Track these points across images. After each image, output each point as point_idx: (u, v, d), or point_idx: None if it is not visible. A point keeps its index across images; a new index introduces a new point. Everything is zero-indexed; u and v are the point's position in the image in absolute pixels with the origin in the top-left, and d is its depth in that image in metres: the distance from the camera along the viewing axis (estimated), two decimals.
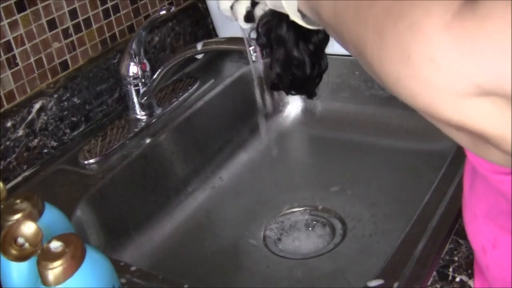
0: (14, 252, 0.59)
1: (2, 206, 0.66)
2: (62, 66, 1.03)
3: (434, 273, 0.70)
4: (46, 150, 0.99)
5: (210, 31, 1.30)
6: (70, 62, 1.04)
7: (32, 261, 0.59)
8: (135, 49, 1.03)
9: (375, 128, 1.18)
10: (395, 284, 0.68)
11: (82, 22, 1.05)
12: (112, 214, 0.94)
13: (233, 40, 0.95)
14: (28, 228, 0.60)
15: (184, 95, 1.13)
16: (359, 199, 1.05)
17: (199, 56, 1.22)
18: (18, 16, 0.95)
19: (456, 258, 0.71)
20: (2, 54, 0.93)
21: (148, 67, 1.05)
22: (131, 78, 1.04)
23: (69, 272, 0.58)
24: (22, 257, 0.59)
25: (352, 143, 1.18)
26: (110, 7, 1.10)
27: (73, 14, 1.03)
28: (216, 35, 1.29)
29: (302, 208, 1.06)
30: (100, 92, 1.08)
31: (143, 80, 1.05)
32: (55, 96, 1.00)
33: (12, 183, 0.94)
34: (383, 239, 0.96)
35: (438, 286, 0.68)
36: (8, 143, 0.93)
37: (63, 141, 1.02)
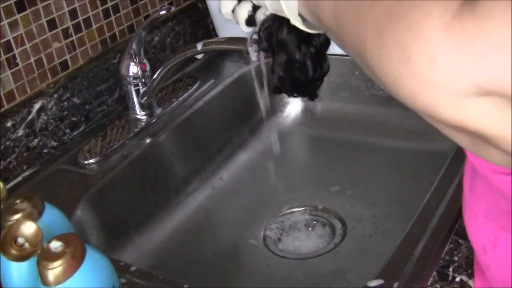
0: (14, 252, 0.59)
1: (2, 206, 0.66)
2: (62, 66, 1.03)
3: (434, 273, 0.70)
4: (46, 150, 0.99)
5: (210, 31, 1.30)
6: (70, 62, 1.04)
7: (32, 261, 0.59)
8: (135, 49, 1.02)
9: (375, 128, 1.18)
10: (395, 284, 0.68)
11: (82, 22, 1.05)
12: (112, 214, 0.94)
13: (233, 40, 0.95)
14: (28, 228, 0.60)
15: (184, 95, 1.13)
16: (359, 199, 1.05)
17: (199, 56, 1.22)
18: (18, 16, 0.95)
19: (456, 258, 0.71)
20: (2, 54, 0.93)
21: (148, 67, 1.05)
22: (131, 78, 1.04)
23: (69, 272, 0.58)
24: (22, 257, 0.58)
25: (352, 143, 1.18)
26: (110, 7, 1.10)
27: (73, 14, 1.03)
28: (216, 35, 1.29)
29: (302, 208, 1.06)
30: (100, 92, 1.08)
31: (143, 80, 1.05)
32: (55, 96, 1.00)
33: (12, 183, 0.94)
34: (383, 239, 0.96)
35: (438, 286, 0.68)
36: (8, 143, 0.93)
37: (63, 141, 1.02)
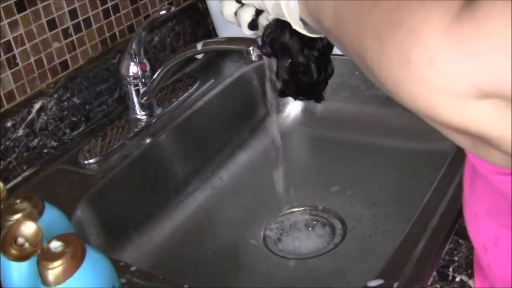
0: (14, 252, 0.59)
1: (2, 206, 0.66)
2: (62, 66, 1.03)
3: (434, 273, 0.70)
4: (46, 150, 0.99)
5: (210, 31, 1.30)
6: (70, 62, 1.04)
7: (32, 261, 0.59)
8: (135, 49, 1.02)
9: (375, 128, 1.18)
10: (395, 284, 0.68)
11: (82, 22, 1.05)
12: (112, 214, 0.94)
13: (233, 40, 0.95)
14: (28, 228, 0.60)
15: (184, 95, 1.13)
16: (359, 199, 1.05)
17: (199, 56, 1.22)
18: (18, 16, 0.95)
19: (456, 258, 0.71)
20: (2, 54, 0.93)
21: (148, 67, 1.05)
22: (131, 78, 1.04)
23: (69, 272, 0.58)
24: (22, 257, 0.58)
25: (352, 143, 1.18)
26: (110, 7, 1.10)
27: (73, 14, 1.03)
28: (216, 35, 1.29)
29: (302, 208, 1.06)
30: (100, 92, 1.08)
31: (143, 80, 1.05)
32: (55, 96, 1.00)
33: (12, 183, 0.94)
34: (383, 239, 0.96)
35: (438, 286, 0.68)
36: (8, 143, 0.93)
37: (63, 141, 1.02)
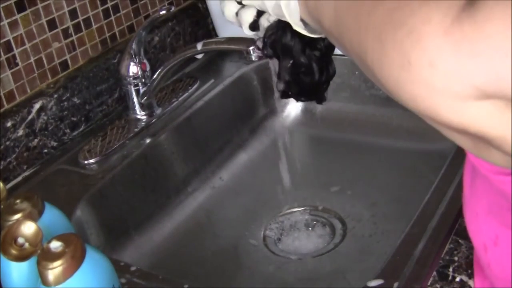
0: (14, 252, 0.59)
1: (2, 206, 0.66)
2: (62, 66, 1.03)
3: (434, 273, 0.70)
4: (46, 150, 0.99)
5: (210, 31, 1.30)
6: (70, 62, 1.04)
7: (32, 261, 0.59)
8: (135, 49, 1.02)
9: (375, 128, 1.18)
10: (395, 284, 0.68)
11: (82, 22, 1.05)
12: (112, 214, 0.94)
13: (233, 40, 0.95)
14: (28, 228, 0.60)
15: (184, 95, 1.13)
16: (359, 199, 1.05)
17: (199, 56, 1.22)
18: (18, 16, 0.95)
19: (456, 258, 0.71)
20: (2, 54, 0.93)
21: (148, 67, 1.05)
22: (131, 78, 1.04)
23: (69, 272, 0.58)
24: (22, 257, 0.58)
25: (352, 143, 1.18)
26: (110, 7, 1.10)
27: (73, 14, 1.03)
28: (216, 35, 1.29)
29: (302, 208, 1.06)
30: (100, 92, 1.08)
31: (143, 80, 1.05)
32: (55, 96, 1.00)
33: (12, 183, 0.94)
34: (383, 239, 0.96)
35: (438, 286, 0.68)
36: (8, 143, 0.93)
37: (63, 141, 1.02)
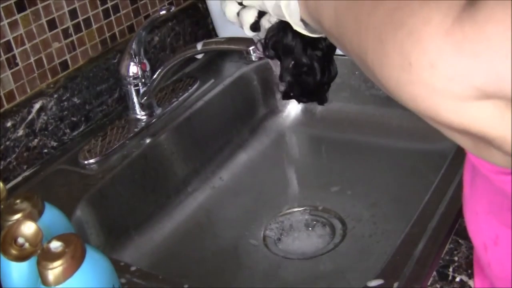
0: (14, 252, 0.59)
1: (2, 206, 0.66)
2: (62, 66, 1.03)
3: (434, 273, 0.70)
4: (46, 150, 0.99)
5: (210, 31, 1.30)
6: (70, 62, 1.04)
7: (32, 261, 0.59)
8: (135, 49, 1.02)
9: (375, 128, 1.18)
10: (395, 284, 0.68)
11: (82, 22, 1.05)
12: (112, 214, 0.94)
13: (233, 40, 0.95)
14: (28, 228, 0.60)
15: (184, 95, 1.13)
16: (359, 199, 1.05)
17: (199, 56, 1.22)
18: (18, 16, 0.94)
19: (456, 258, 0.71)
20: (2, 54, 0.93)
21: (148, 67, 1.05)
22: (131, 78, 1.04)
23: (69, 272, 0.58)
24: (22, 257, 0.58)
25: (352, 143, 1.18)
26: (110, 7, 1.10)
27: (73, 14, 1.03)
28: (216, 35, 1.29)
29: (302, 208, 1.06)
30: (100, 92, 1.08)
31: (143, 80, 1.05)
32: (55, 96, 1.00)
33: (12, 183, 0.94)
34: (383, 239, 0.96)
35: (438, 286, 0.68)
36: (8, 143, 0.93)
37: (63, 141, 1.02)
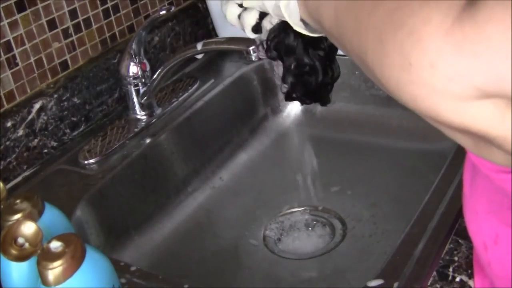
0: (14, 252, 0.59)
1: (2, 206, 0.66)
2: (62, 66, 1.03)
3: (434, 273, 0.70)
4: (46, 150, 0.99)
5: (210, 31, 1.30)
6: (70, 62, 1.04)
7: (32, 261, 0.59)
8: (135, 49, 1.02)
9: (375, 128, 1.18)
10: (395, 284, 0.68)
11: (82, 22, 1.05)
12: (112, 214, 0.94)
13: (233, 40, 0.95)
14: (28, 228, 0.60)
15: (184, 95, 1.13)
16: (359, 199, 1.05)
17: (199, 56, 1.22)
18: (18, 16, 0.94)
19: (456, 258, 0.71)
20: (2, 54, 0.93)
21: (148, 67, 1.05)
22: (131, 78, 1.04)
23: (69, 272, 0.58)
24: (22, 257, 0.58)
25: (352, 143, 1.18)
26: (110, 7, 1.10)
27: (73, 14, 1.03)
28: (216, 35, 1.29)
29: (302, 208, 1.06)
30: (100, 92, 1.08)
31: (143, 80, 1.05)
32: (55, 96, 1.00)
33: (12, 183, 0.94)
34: (383, 239, 0.96)
35: (438, 286, 0.68)
36: (8, 143, 0.93)
37: (63, 141, 1.02)
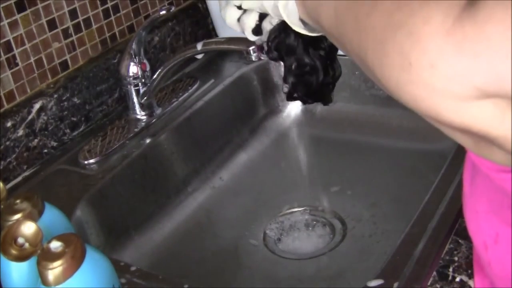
0: (14, 252, 0.59)
1: (2, 206, 0.66)
2: (62, 66, 1.03)
3: (434, 273, 0.70)
4: (46, 150, 0.99)
5: (210, 31, 1.30)
6: (70, 62, 1.04)
7: (32, 261, 0.59)
8: (135, 49, 1.02)
9: (375, 128, 1.18)
10: (395, 284, 0.68)
11: (82, 22, 1.05)
12: (112, 214, 0.94)
13: (233, 40, 0.95)
14: (28, 228, 0.60)
15: (184, 95, 1.13)
16: (359, 199, 1.05)
17: (199, 56, 1.22)
18: (18, 16, 0.94)
19: (456, 258, 0.71)
20: (2, 54, 0.93)
21: (148, 67, 1.05)
22: (131, 78, 1.04)
23: (69, 272, 0.58)
24: (22, 257, 0.58)
25: (352, 143, 1.18)
26: (110, 7, 1.10)
27: (73, 14, 1.03)
28: (216, 35, 1.29)
29: (302, 208, 1.06)
30: (100, 92, 1.08)
31: (143, 80, 1.05)
32: (55, 96, 1.00)
33: (12, 183, 0.94)
34: (383, 239, 0.96)
35: (438, 286, 0.68)
36: (8, 143, 0.93)
37: (63, 141, 1.02)
